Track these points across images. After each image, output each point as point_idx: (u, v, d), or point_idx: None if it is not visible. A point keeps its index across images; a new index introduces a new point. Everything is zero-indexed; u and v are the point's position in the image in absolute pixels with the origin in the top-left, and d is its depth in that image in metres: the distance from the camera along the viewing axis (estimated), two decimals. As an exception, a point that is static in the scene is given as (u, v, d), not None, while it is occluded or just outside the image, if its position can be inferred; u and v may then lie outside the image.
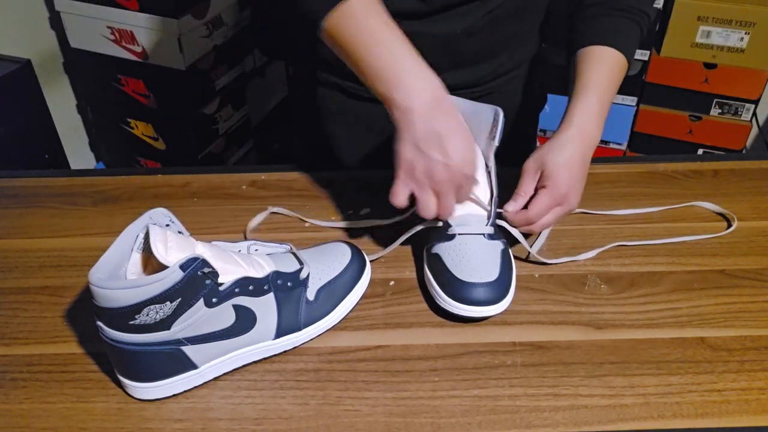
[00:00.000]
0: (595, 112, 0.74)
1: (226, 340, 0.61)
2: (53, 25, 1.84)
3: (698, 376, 0.63)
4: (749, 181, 0.89)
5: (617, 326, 0.68)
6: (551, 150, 0.72)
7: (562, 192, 0.71)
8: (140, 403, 0.61)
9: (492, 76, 0.91)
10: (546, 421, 0.59)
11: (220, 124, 1.91)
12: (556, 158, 0.71)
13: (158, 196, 0.87)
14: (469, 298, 0.67)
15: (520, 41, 0.91)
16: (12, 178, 0.91)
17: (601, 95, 0.74)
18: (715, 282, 0.73)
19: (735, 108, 1.93)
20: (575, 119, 0.73)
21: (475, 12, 0.83)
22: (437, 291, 0.69)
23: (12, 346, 0.67)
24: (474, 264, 0.68)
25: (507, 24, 0.87)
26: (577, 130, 0.73)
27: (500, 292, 0.67)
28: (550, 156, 0.72)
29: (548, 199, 0.71)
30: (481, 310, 0.67)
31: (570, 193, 0.71)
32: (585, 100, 0.74)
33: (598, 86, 0.75)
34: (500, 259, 0.70)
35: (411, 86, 0.66)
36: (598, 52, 0.77)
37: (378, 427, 0.59)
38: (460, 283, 0.67)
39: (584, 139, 0.73)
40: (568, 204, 0.72)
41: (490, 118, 0.77)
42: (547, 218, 0.72)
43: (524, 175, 0.73)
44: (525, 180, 0.73)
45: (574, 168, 0.71)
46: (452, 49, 0.86)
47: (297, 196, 0.86)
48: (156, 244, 0.56)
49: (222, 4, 1.79)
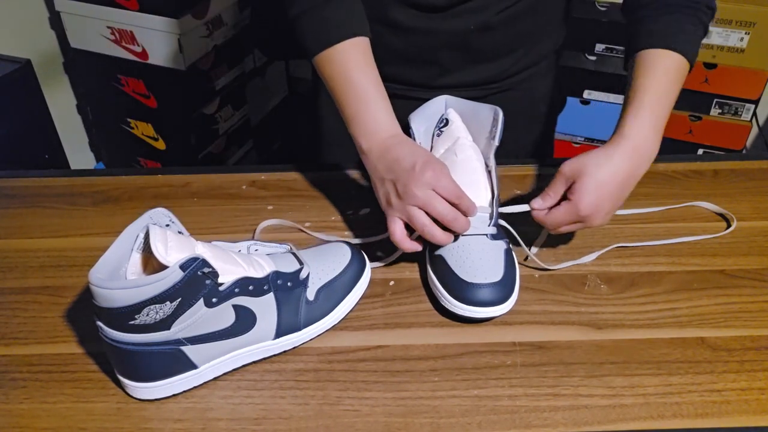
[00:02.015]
0: (650, 125, 0.69)
1: (226, 340, 0.61)
2: (53, 25, 1.84)
3: (698, 376, 0.63)
4: (749, 181, 0.89)
5: (617, 326, 0.68)
6: (594, 163, 0.68)
7: (582, 214, 0.68)
8: (140, 403, 0.61)
9: (508, 73, 0.91)
10: (546, 421, 0.59)
11: (220, 124, 1.91)
12: (594, 175, 0.67)
13: (158, 196, 0.87)
14: (474, 298, 0.66)
15: (536, 38, 0.91)
16: (12, 178, 0.91)
17: (656, 104, 0.70)
18: (715, 282, 0.73)
19: (735, 108, 1.93)
20: (627, 131, 0.69)
21: (489, 9, 0.83)
22: (441, 292, 0.68)
23: (12, 346, 0.67)
24: (478, 264, 0.68)
25: (523, 21, 0.86)
26: (629, 143, 0.69)
27: (505, 293, 0.67)
28: (589, 170, 0.68)
29: (567, 215, 0.69)
30: (487, 311, 0.66)
31: (591, 217, 0.68)
32: (639, 110, 0.69)
33: (653, 95, 0.70)
34: (504, 259, 0.69)
35: (369, 131, 0.72)
36: (655, 55, 0.71)
37: (378, 427, 0.59)
38: (465, 284, 0.67)
39: (636, 152, 0.69)
40: (588, 223, 0.69)
41: (489, 117, 0.78)
42: (565, 228, 0.70)
43: (557, 178, 0.70)
44: (557, 183, 0.70)
45: (608, 187, 0.68)
46: (467, 45, 0.86)
47: (297, 196, 0.86)
48: (156, 244, 0.56)
49: (222, 4, 1.79)
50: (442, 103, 0.84)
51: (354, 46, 0.74)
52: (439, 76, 0.90)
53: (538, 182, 0.87)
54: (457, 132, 0.79)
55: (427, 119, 0.83)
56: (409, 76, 0.91)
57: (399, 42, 0.87)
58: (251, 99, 2.03)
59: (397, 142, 0.71)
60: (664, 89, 0.71)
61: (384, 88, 0.74)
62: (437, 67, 0.89)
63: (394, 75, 0.90)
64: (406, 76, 0.91)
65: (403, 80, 0.91)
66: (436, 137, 0.81)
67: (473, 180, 0.73)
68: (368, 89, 0.73)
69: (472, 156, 0.75)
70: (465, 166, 0.74)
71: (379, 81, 0.75)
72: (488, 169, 0.75)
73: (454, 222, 0.66)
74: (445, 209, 0.66)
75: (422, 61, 0.89)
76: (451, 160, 0.76)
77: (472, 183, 0.73)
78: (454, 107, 0.82)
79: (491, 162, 0.75)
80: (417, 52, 0.88)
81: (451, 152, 0.77)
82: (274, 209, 0.84)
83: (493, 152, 0.76)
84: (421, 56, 0.88)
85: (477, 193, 0.72)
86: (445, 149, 0.78)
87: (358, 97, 0.73)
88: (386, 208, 0.71)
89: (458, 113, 0.81)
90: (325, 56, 0.74)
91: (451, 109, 0.82)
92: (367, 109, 0.73)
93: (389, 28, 0.86)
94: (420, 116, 0.82)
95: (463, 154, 0.75)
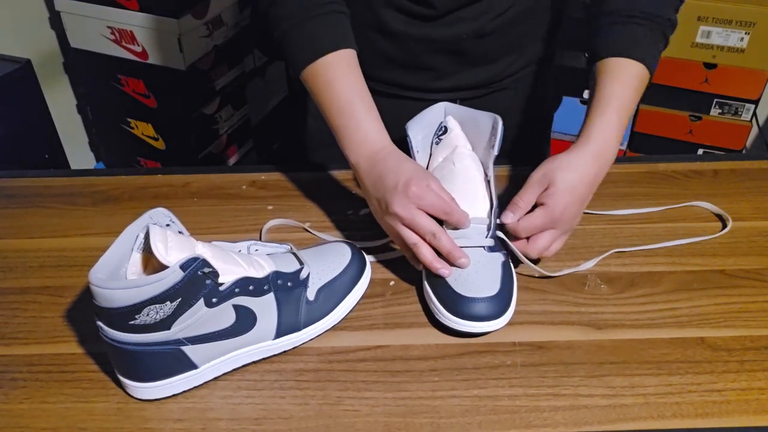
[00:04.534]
0: (615, 129, 0.71)
1: (226, 340, 0.61)
2: (53, 25, 1.84)
3: (698, 376, 0.63)
4: (749, 181, 0.89)
5: (617, 326, 0.68)
6: (563, 167, 0.69)
7: (556, 216, 0.68)
8: (140, 403, 0.61)
9: (503, 75, 0.91)
10: (546, 421, 0.59)
11: (220, 124, 1.91)
12: (565, 177, 0.69)
13: (158, 196, 0.87)
14: (469, 313, 0.65)
15: (531, 41, 0.91)
16: (12, 178, 0.91)
17: (620, 110, 0.72)
18: (715, 282, 0.73)
19: (735, 108, 1.93)
20: (593, 135, 0.71)
21: (483, 16, 0.83)
22: (437, 306, 0.67)
23: (12, 346, 0.67)
24: (474, 278, 0.67)
25: (517, 26, 0.86)
26: (595, 147, 0.70)
27: (501, 307, 0.66)
28: (560, 174, 0.69)
29: (541, 219, 0.69)
30: (482, 326, 0.65)
31: (564, 218, 0.69)
32: (604, 115, 0.71)
33: (617, 101, 0.72)
34: (501, 272, 0.68)
35: (355, 145, 0.72)
36: (618, 64, 0.73)
37: (378, 427, 0.59)
38: (461, 298, 0.66)
39: (602, 157, 0.71)
40: (561, 227, 0.70)
41: (488, 126, 0.77)
42: (542, 241, 0.69)
43: (528, 186, 0.70)
44: (528, 191, 0.70)
45: (579, 190, 0.69)
46: (462, 50, 0.86)
47: (297, 196, 0.86)
48: (156, 244, 0.56)
49: (222, 4, 1.79)
50: (441, 111, 0.82)
51: (338, 59, 0.74)
52: (434, 80, 0.90)
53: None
54: (456, 140, 0.78)
55: (425, 127, 0.81)
56: (403, 80, 0.91)
57: (392, 48, 0.87)
58: (251, 99, 2.03)
59: (384, 156, 0.71)
60: (627, 96, 0.73)
61: (372, 98, 0.74)
62: (431, 72, 0.89)
63: (387, 78, 0.90)
64: (400, 80, 0.91)
65: (397, 83, 0.91)
66: (435, 145, 0.80)
67: (471, 189, 0.72)
68: (353, 101, 0.73)
69: (471, 165, 0.75)
70: (463, 176, 0.73)
71: (366, 91, 0.74)
72: (487, 178, 0.74)
73: (435, 240, 0.66)
74: (426, 227, 0.66)
75: (416, 67, 0.89)
76: (448, 169, 0.75)
77: (469, 193, 0.72)
78: (454, 114, 0.81)
79: (490, 171, 0.74)
80: (410, 58, 0.88)
81: (449, 161, 0.76)
82: (274, 209, 0.84)
83: (492, 161, 0.75)
84: (414, 62, 0.88)
85: (474, 204, 0.71)
86: (443, 158, 0.78)
87: (343, 110, 0.73)
88: (379, 222, 0.72)
89: (457, 121, 0.80)
90: (310, 71, 0.74)
91: (450, 116, 0.81)
92: (353, 122, 0.73)
93: (382, 35, 0.86)
94: (418, 123, 0.81)
95: (461, 163, 0.75)
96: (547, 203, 0.69)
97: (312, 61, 0.74)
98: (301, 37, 0.75)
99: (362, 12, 0.79)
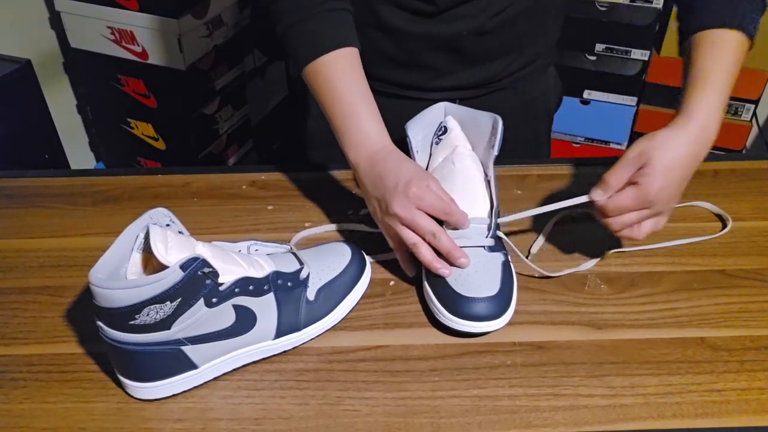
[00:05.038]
0: (717, 106, 0.67)
1: (226, 340, 0.61)
2: (53, 25, 1.84)
3: (698, 376, 0.63)
4: (749, 181, 0.89)
5: (617, 326, 0.68)
6: (662, 145, 0.66)
7: (650, 198, 0.65)
8: (140, 403, 0.61)
9: (503, 74, 0.91)
10: (546, 421, 0.59)
11: (220, 124, 1.91)
12: (662, 157, 0.65)
13: (158, 196, 0.87)
14: (469, 313, 0.65)
15: (531, 41, 0.91)
16: (12, 178, 0.91)
17: (723, 85, 0.68)
18: (715, 282, 0.73)
19: (735, 108, 1.93)
20: (695, 112, 0.67)
21: (482, 14, 0.83)
22: (437, 306, 0.67)
23: (12, 346, 0.67)
24: (474, 278, 0.67)
25: (517, 25, 0.86)
26: (696, 125, 0.66)
27: (501, 307, 0.66)
28: (657, 153, 0.65)
29: (632, 201, 0.66)
30: (482, 326, 0.65)
31: (658, 200, 0.66)
32: (705, 90, 0.67)
33: (717, 76, 0.68)
34: (501, 272, 0.68)
35: (355, 144, 0.72)
36: (715, 35, 0.70)
37: (378, 427, 0.59)
38: (461, 298, 0.66)
39: (703, 134, 0.67)
40: (655, 209, 0.67)
41: (488, 126, 0.77)
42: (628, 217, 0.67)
43: (622, 163, 0.67)
44: (621, 169, 0.67)
45: (677, 171, 0.66)
46: (461, 49, 0.86)
47: (297, 196, 0.86)
48: (156, 244, 0.56)
49: (222, 4, 1.79)
50: (441, 111, 0.82)
51: (340, 57, 0.73)
52: (434, 79, 0.90)
53: (539, 182, 0.87)
54: (456, 140, 0.78)
55: (425, 127, 0.81)
56: (402, 79, 0.91)
57: (392, 46, 0.87)
58: (251, 99, 2.04)
59: (384, 156, 0.70)
60: (728, 68, 0.69)
61: (373, 97, 0.74)
62: (431, 70, 0.89)
63: (387, 77, 0.90)
64: (400, 79, 0.91)
65: (397, 83, 0.91)
66: (435, 145, 0.80)
67: (471, 190, 0.72)
68: (354, 100, 0.73)
69: (471, 165, 0.74)
70: (463, 176, 0.73)
71: (368, 91, 0.74)
72: (487, 178, 0.74)
73: (434, 240, 0.66)
74: (426, 227, 0.66)
75: (416, 65, 0.89)
76: (448, 169, 0.75)
77: (469, 193, 0.72)
78: (453, 114, 0.81)
79: (490, 171, 0.74)
80: (410, 56, 0.88)
81: (448, 161, 0.76)
82: (274, 209, 0.84)
83: (492, 161, 0.74)
84: (414, 60, 0.88)
85: (474, 204, 0.71)
86: (443, 158, 0.77)
87: (344, 109, 0.72)
88: (377, 223, 0.72)
89: (457, 120, 0.80)
90: (312, 68, 0.74)
91: (450, 116, 0.81)
92: (353, 121, 0.72)
93: (382, 33, 0.86)
94: (418, 123, 0.81)
95: (461, 163, 0.74)
96: (641, 183, 0.65)
97: (314, 59, 0.73)
98: (304, 34, 0.75)
99: (362, 10, 0.79)
